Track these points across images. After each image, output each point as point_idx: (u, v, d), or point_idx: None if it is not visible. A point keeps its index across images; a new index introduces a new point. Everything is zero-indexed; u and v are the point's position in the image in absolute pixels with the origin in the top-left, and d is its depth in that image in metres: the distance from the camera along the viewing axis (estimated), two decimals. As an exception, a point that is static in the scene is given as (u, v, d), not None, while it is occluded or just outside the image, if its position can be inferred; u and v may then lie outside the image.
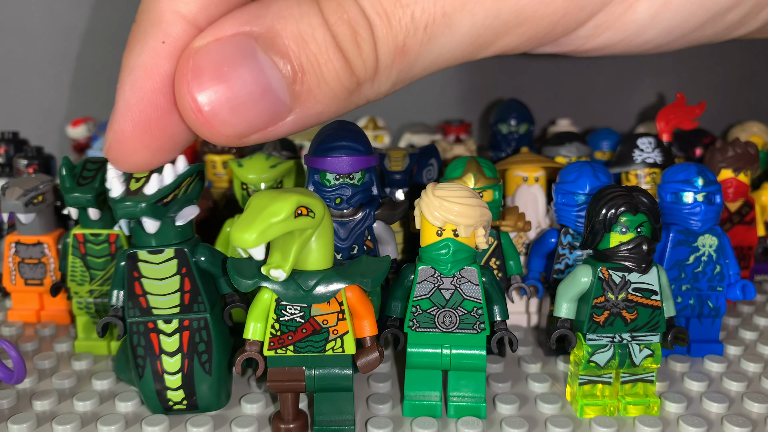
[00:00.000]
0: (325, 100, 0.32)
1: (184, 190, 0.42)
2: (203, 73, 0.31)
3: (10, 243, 0.60)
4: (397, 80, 0.34)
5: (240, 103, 0.31)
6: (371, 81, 0.33)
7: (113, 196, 0.40)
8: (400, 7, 0.31)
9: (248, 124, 0.32)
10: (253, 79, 0.31)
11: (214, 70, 0.31)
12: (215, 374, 0.45)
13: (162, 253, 0.43)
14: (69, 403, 0.47)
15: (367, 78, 0.33)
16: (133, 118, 0.35)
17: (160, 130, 0.35)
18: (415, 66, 0.34)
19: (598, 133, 0.81)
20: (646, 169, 0.62)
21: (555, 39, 0.36)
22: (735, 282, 0.53)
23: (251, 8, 0.32)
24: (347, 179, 0.49)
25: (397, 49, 0.32)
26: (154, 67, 0.34)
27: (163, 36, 0.34)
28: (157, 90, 0.34)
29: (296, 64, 0.31)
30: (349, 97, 0.33)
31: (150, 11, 0.34)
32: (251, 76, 0.31)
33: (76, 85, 1.07)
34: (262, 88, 0.31)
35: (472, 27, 0.33)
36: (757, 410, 0.47)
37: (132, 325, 0.44)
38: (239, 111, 0.32)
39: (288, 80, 0.31)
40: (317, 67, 0.31)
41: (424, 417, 0.45)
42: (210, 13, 0.33)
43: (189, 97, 0.31)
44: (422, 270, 0.44)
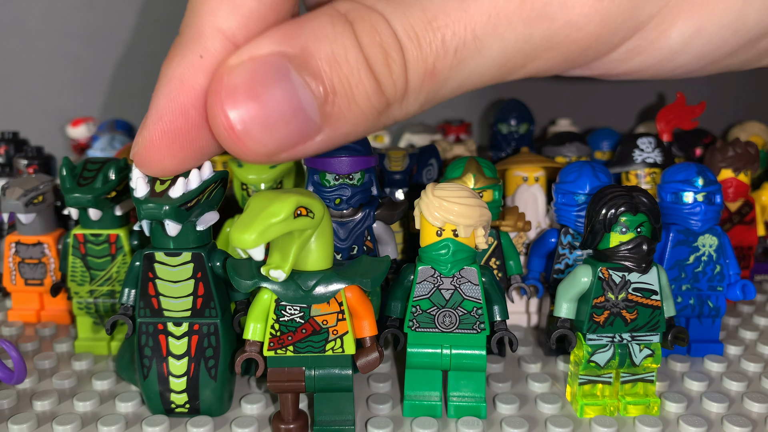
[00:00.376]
0: (354, 120, 0.33)
1: (207, 195, 0.42)
2: (237, 92, 0.31)
3: (11, 243, 0.60)
4: (425, 101, 0.35)
5: (272, 123, 0.32)
6: (400, 102, 0.34)
7: (137, 196, 0.40)
8: (431, 31, 0.32)
9: (278, 143, 0.32)
10: (286, 99, 0.31)
11: (248, 89, 0.31)
12: (220, 380, 0.45)
13: (179, 256, 0.43)
14: (69, 404, 0.47)
15: (397, 99, 0.33)
16: (164, 128, 0.35)
17: (188, 142, 0.36)
18: (444, 88, 0.34)
19: (598, 133, 0.81)
20: (647, 169, 0.62)
21: (586, 63, 0.36)
22: (735, 282, 0.53)
23: (286, 27, 0.32)
24: (347, 179, 0.49)
25: (427, 72, 0.32)
26: (190, 80, 0.34)
27: (201, 50, 0.34)
28: (190, 103, 0.35)
29: (328, 85, 0.31)
30: (378, 117, 0.34)
31: (192, 25, 0.35)
32: (284, 96, 0.31)
33: (76, 85, 1.07)
34: (293, 108, 0.32)
35: (503, 51, 0.33)
36: (757, 410, 0.47)
37: (141, 325, 0.44)
38: (270, 130, 0.32)
39: (319, 101, 0.32)
40: (348, 88, 0.32)
41: (424, 417, 0.45)
42: (249, 30, 0.34)
43: (222, 114, 0.32)
44: (422, 270, 0.44)
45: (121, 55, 1.07)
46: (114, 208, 0.54)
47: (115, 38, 1.06)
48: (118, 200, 0.54)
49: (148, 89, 0.37)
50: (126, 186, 0.54)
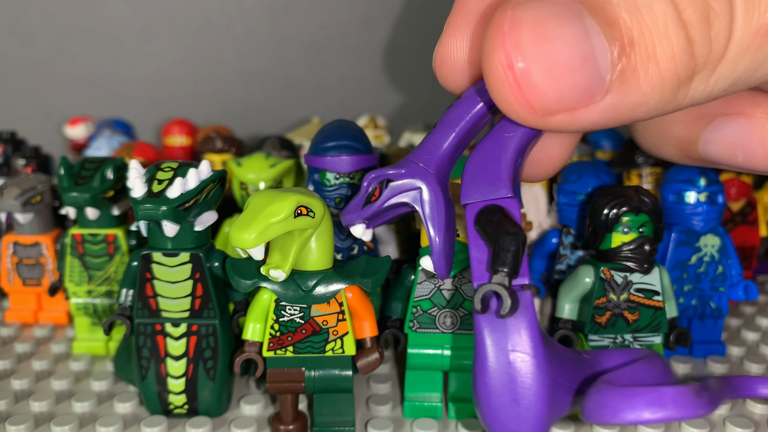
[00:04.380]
0: (648, 86, 0.28)
1: (205, 195, 0.42)
2: (522, 26, 0.28)
3: (8, 243, 0.60)
4: (738, 79, 0.29)
5: (557, 67, 0.28)
6: (709, 72, 0.28)
7: (135, 196, 0.40)
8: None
9: (559, 96, 0.28)
10: (576, 43, 0.27)
11: (536, 25, 0.28)
12: (219, 381, 0.44)
13: (177, 257, 0.42)
14: (67, 404, 0.47)
15: (708, 65, 0.28)
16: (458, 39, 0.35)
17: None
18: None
19: (599, 133, 0.81)
20: (649, 169, 0.62)
21: None
22: (737, 282, 0.53)
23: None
24: (347, 179, 0.49)
25: (759, 31, 0.27)
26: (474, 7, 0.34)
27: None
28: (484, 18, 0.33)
29: (626, 36, 0.27)
30: (676, 90, 0.29)
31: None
32: (574, 40, 0.27)
33: (74, 84, 1.06)
34: (583, 56, 0.27)
35: None
36: (760, 411, 0.46)
37: (139, 325, 0.43)
38: (554, 76, 0.28)
39: (614, 53, 0.27)
40: (651, 42, 0.27)
41: (424, 418, 0.44)
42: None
43: (501, 49, 0.28)
44: (423, 270, 0.44)
45: (119, 55, 1.07)
46: (111, 207, 0.53)
47: (114, 38, 1.06)
48: (115, 200, 0.53)
49: (146, 89, 0.37)
50: (124, 185, 0.53)
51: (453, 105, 0.37)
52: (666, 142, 0.40)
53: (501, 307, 0.31)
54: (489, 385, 0.32)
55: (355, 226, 0.38)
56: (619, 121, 0.30)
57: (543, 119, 0.29)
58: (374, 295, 0.51)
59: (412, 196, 0.36)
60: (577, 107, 0.29)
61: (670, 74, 0.28)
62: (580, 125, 0.30)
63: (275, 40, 1.10)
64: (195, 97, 1.09)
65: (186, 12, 1.06)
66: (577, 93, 0.28)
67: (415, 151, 0.37)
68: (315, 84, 1.12)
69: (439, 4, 1.13)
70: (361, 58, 1.12)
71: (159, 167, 0.42)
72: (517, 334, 0.32)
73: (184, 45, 1.07)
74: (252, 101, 1.12)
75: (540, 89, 0.28)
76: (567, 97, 0.28)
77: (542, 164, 0.40)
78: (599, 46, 0.27)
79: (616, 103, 0.29)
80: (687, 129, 0.39)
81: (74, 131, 0.94)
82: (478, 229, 0.34)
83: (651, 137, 0.42)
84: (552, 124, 0.30)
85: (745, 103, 0.37)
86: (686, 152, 0.40)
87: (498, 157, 0.34)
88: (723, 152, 0.38)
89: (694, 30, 0.27)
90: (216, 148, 0.71)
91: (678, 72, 0.28)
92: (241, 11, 1.08)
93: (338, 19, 1.10)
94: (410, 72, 1.13)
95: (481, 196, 0.34)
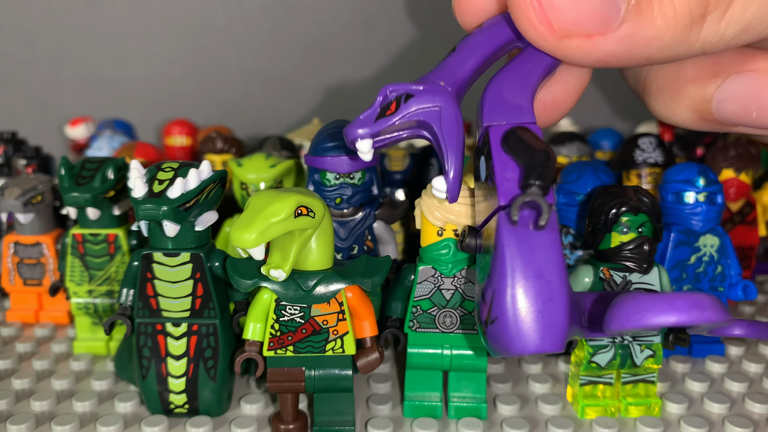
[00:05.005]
0: (662, 20, 0.29)
1: (206, 195, 0.42)
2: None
3: (9, 243, 0.60)
4: (749, 25, 0.30)
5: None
6: (721, 13, 0.29)
7: (135, 196, 0.40)
8: None
9: (577, 18, 0.29)
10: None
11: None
12: (219, 380, 0.44)
13: (178, 257, 0.43)
14: (68, 404, 0.47)
15: (719, 6, 0.29)
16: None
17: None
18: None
19: (599, 133, 0.81)
20: (648, 169, 0.62)
21: None
22: (736, 282, 0.53)
23: None
24: (347, 179, 0.49)
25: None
26: None
27: None
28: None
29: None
30: (689, 27, 0.29)
31: None
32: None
33: (75, 84, 1.06)
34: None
35: None
36: (759, 411, 0.46)
37: (140, 325, 0.44)
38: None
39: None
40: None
41: (424, 418, 0.44)
42: None
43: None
44: (423, 270, 0.44)
45: (120, 55, 1.07)
46: (112, 207, 0.53)
47: (114, 38, 1.06)
48: (116, 200, 0.54)
49: (147, 89, 0.37)
50: (124, 185, 0.53)
51: (474, 32, 0.36)
52: (680, 103, 0.40)
53: (538, 218, 0.31)
54: (516, 297, 0.31)
55: (361, 141, 0.35)
56: (634, 56, 0.30)
57: (561, 42, 0.30)
58: (374, 295, 0.51)
59: (429, 114, 0.35)
60: (594, 33, 0.30)
61: (684, 9, 0.29)
62: (596, 54, 0.30)
63: (276, 41, 1.10)
64: (195, 97, 1.09)
65: (187, 12, 1.06)
66: (594, 18, 0.29)
67: (434, 71, 0.36)
68: (315, 84, 1.12)
69: (439, 5, 1.13)
70: (361, 58, 1.12)
71: (160, 167, 0.42)
72: (548, 245, 0.32)
73: (184, 45, 1.07)
74: (252, 101, 1.12)
75: (560, 8, 0.29)
76: (585, 20, 0.29)
77: (546, 108, 0.40)
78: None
79: (631, 34, 0.29)
80: (701, 87, 0.38)
81: (75, 131, 0.94)
82: (506, 148, 0.33)
83: (665, 99, 0.41)
84: (570, 49, 0.30)
85: (759, 59, 0.37)
86: (701, 113, 0.39)
87: (522, 86, 0.35)
88: (737, 109, 0.37)
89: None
90: (216, 149, 0.71)
91: (691, 7, 0.29)
92: (241, 11, 1.08)
93: (338, 19, 1.10)
94: (410, 72, 1.13)
95: (507, 119, 0.34)
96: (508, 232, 0.32)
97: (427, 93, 0.35)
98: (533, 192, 0.31)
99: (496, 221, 0.32)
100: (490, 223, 0.34)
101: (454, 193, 0.36)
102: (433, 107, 0.35)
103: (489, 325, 0.32)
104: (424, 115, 0.35)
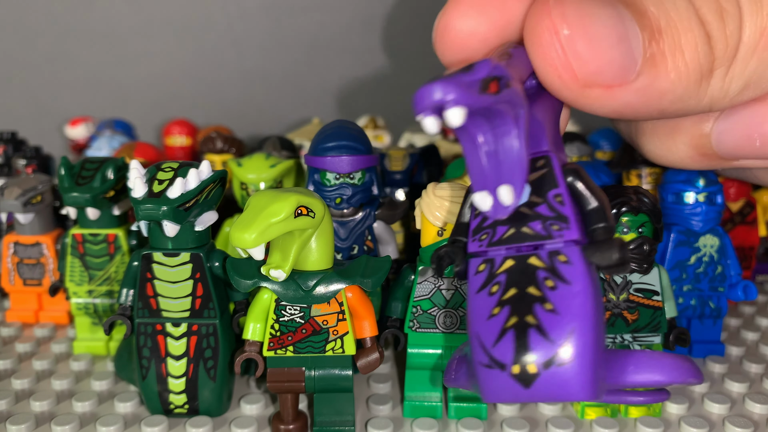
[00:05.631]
0: (675, 73, 0.31)
1: (205, 195, 0.42)
2: (565, 3, 0.30)
3: (9, 243, 0.60)
4: (750, 81, 0.32)
5: (598, 40, 0.30)
6: (725, 70, 0.31)
7: (135, 196, 0.40)
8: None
9: (599, 68, 0.30)
10: (613, 24, 0.30)
11: (578, 4, 0.30)
12: (219, 380, 0.44)
13: (178, 257, 0.43)
14: (68, 404, 0.47)
15: (724, 62, 0.31)
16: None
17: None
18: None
19: (599, 133, 0.81)
20: (648, 169, 0.62)
21: None
22: (736, 282, 0.53)
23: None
24: (347, 179, 0.49)
25: (765, 32, 0.30)
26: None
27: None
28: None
29: (654, 25, 0.30)
30: (698, 83, 0.31)
31: None
32: (611, 20, 0.30)
33: (74, 84, 1.06)
34: (619, 35, 0.30)
35: None
36: (759, 411, 0.46)
37: (140, 325, 0.44)
38: (595, 47, 0.30)
39: (645, 37, 0.30)
40: (676, 32, 0.30)
41: (424, 418, 0.44)
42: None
43: (548, 19, 0.30)
44: (423, 270, 0.44)
45: (120, 55, 1.07)
46: (112, 207, 0.53)
47: (114, 38, 1.06)
48: (116, 200, 0.54)
49: (146, 89, 0.37)
50: (124, 185, 0.53)
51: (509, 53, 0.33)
52: (678, 140, 0.40)
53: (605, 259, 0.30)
54: (597, 340, 0.29)
55: (456, 109, 0.27)
56: (648, 109, 0.32)
57: (582, 91, 0.31)
58: (374, 295, 0.51)
59: (517, 113, 0.31)
60: (613, 84, 0.31)
61: (694, 64, 0.30)
62: (613, 105, 0.31)
63: (275, 41, 1.10)
64: (195, 97, 1.09)
65: (186, 12, 1.06)
66: (614, 68, 0.30)
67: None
68: (315, 84, 1.13)
69: (439, 5, 1.13)
70: (361, 58, 1.12)
71: (159, 167, 0.42)
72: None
73: (184, 45, 1.07)
74: (252, 101, 1.12)
75: (583, 57, 0.30)
76: (605, 71, 0.30)
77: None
78: (632, 30, 0.30)
79: (646, 86, 0.31)
80: (699, 121, 0.38)
81: (75, 131, 0.94)
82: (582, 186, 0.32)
83: (661, 138, 0.41)
84: (590, 99, 0.31)
85: None
86: (700, 149, 0.39)
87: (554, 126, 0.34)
88: (739, 140, 0.37)
89: (711, 26, 0.30)
90: (216, 149, 0.71)
91: (701, 62, 0.30)
92: (241, 11, 1.08)
93: (338, 19, 1.10)
94: (410, 72, 1.13)
95: (562, 155, 0.33)
96: (588, 270, 0.30)
97: (520, 92, 0.31)
98: (612, 234, 0.30)
99: (563, 255, 0.30)
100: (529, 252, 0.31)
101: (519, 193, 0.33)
102: (519, 108, 0.31)
103: (548, 368, 0.28)
104: (512, 109, 0.30)
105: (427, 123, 0.28)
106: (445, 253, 0.34)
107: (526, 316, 0.30)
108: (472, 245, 0.33)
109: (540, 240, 0.31)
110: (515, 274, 0.31)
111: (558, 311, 0.29)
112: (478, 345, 0.31)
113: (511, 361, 0.29)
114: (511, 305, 0.30)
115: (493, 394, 0.30)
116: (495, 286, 0.31)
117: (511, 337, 0.30)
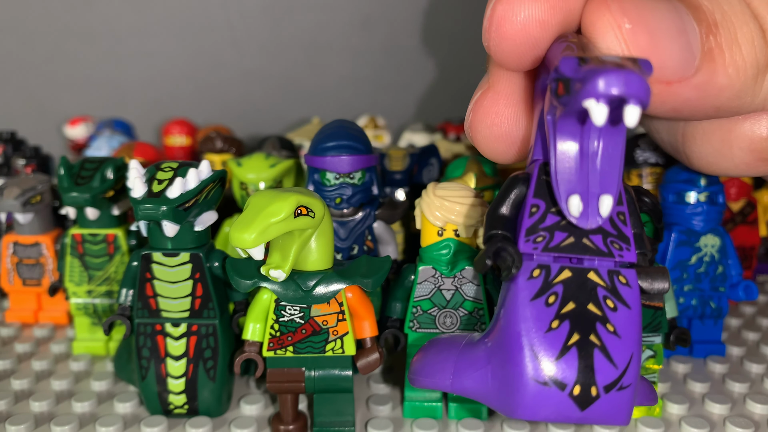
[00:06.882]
0: (732, 68, 0.30)
1: (205, 195, 0.42)
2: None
3: (8, 243, 0.60)
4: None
5: (658, 33, 0.30)
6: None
7: (135, 196, 0.40)
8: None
9: (660, 63, 0.30)
10: (671, 17, 0.30)
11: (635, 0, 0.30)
12: (219, 381, 0.44)
13: (177, 257, 0.42)
14: (67, 404, 0.47)
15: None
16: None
17: None
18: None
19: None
20: (649, 169, 0.62)
21: None
22: (737, 282, 0.53)
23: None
24: (347, 179, 0.49)
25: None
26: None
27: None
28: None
29: (710, 18, 0.30)
30: (754, 78, 0.31)
31: None
32: (669, 14, 0.30)
33: (74, 84, 1.06)
34: (678, 28, 0.30)
35: None
36: (760, 411, 0.46)
37: (139, 325, 0.43)
38: (656, 41, 0.30)
39: (702, 31, 0.30)
40: (732, 27, 0.30)
41: (424, 418, 0.44)
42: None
43: (609, 13, 0.30)
44: (423, 270, 0.44)
45: (120, 55, 1.07)
46: (111, 207, 0.53)
47: (114, 38, 1.06)
48: (115, 200, 0.53)
49: (146, 89, 0.37)
50: (124, 185, 0.53)
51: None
52: (733, 144, 0.38)
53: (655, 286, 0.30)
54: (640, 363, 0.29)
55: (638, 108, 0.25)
56: (705, 105, 0.31)
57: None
58: (374, 295, 0.51)
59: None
60: (672, 80, 0.30)
61: (751, 59, 0.30)
62: (672, 102, 0.31)
63: (275, 41, 1.10)
64: (195, 97, 1.09)
65: (186, 12, 1.06)
66: (674, 62, 0.30)
67: None
68: (315, 84, 1.12)
69: (439, 5, 1.13)
70: (361, 58, 1.12)
71: (159, 167, 0.42)
72: None
73: (184, 45, 1.07)
74: (252, 101, 1.12)
75: (646, 51, 0.29)
76: (666, 65, 0.30)
77: (503, 140, 0.39)
78: (689, 23, 0.30)
79: (706, 82, 0.30)
80: (758, 122, 0.36)
81: (74, 131, 0.94)
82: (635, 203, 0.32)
83: (713, 144, 0.39)
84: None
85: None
86: (759, 153, 0.37)
87: None
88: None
89: (765, 21, 0.30)
90: (216, 148, 0.71)
91: (757, 57, 0.30)
92: (241, 11, 1.08)
93: (338, 19, 1.10)
94: (410, 72, 1.13)
95: None
96: (638, 295, 0.30)
97: None
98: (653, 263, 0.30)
99: (623, 276, 0.30)
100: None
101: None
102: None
103: (608, 393, 0.27)
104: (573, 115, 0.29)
105: (601, 111, 0.25)
106: (509, 254, 0.31)
107: (589, 335, 0.28)
108: (525, 246, 0.31)
109: (601, 256, 0.30)
110: (573, 287, 0.30)
111: (620, 334, 0.28)
112: (531, 358, 0.29)
113: (573, 381, 0.28)
114: (571, 320, 0.29)
115: (536, 412, 0.29)
116: (552, 297, 0.30)
117: (575, 356, 0.28)
